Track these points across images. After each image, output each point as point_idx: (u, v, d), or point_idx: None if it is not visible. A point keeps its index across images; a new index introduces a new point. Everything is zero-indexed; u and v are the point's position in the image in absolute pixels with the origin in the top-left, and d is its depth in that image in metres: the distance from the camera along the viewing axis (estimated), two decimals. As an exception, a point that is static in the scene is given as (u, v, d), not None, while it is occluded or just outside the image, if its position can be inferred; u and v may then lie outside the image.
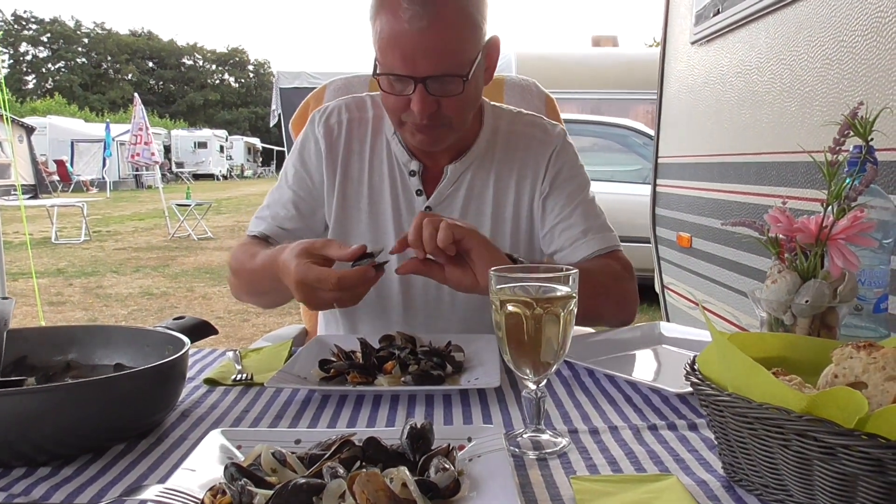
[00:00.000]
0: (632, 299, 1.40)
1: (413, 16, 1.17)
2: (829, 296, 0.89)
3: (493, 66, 1.36)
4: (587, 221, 1.42)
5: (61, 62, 70.89)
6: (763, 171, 2.27)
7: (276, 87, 10.66)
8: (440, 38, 1.19)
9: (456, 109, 1.28)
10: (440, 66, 1.20)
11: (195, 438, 0.88)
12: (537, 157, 1.45)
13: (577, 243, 1.40)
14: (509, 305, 0.83)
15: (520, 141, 1.46)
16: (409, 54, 1.19)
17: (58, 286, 7.48)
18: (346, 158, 1.46)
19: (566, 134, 1.52)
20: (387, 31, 1.20)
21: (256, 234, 1.46)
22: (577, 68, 8.10)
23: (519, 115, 1.51)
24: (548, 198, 1.44)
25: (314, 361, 1.13)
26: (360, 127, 1.48)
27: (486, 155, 1.44)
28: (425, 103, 1.23)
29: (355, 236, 1.45)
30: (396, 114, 1.30)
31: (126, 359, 1.04)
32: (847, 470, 0.60)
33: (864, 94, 1.71)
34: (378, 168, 1.45)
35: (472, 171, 1.44)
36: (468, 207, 1.44)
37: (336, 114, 1.49)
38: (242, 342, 5.24)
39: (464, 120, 1.33)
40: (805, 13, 2.01)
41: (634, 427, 0.90)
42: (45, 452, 0.81)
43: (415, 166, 1.43)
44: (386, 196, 1.44)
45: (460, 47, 1.22)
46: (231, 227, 13.48)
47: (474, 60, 1.24)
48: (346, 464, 0.70)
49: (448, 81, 1.23)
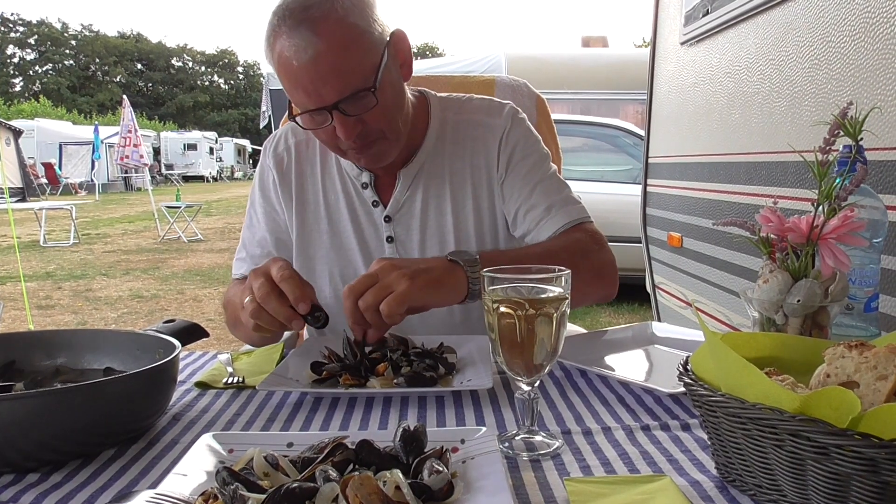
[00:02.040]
0: (608, 271, 1.36)
1: (297, 50, 1.14)
2: (820, 295, 0.90)
3: (408, 60, 1.30)
4: (549, 198, 1.37)
5: (49, 65, 70.45)
6: (753, 171, 2.28)
7: (265, 88, 10.62)
8: (330, 61, 1.14)
9: (381, 120, 1.23)
10: (344, 88, 1.16)
11: (186, 442, 0.88)
12: (487, 143, 1.41)
13: (542, 223, 1.36)
14: (502, 307, 0.83)
15: (468, 129, 1.42)
16: (310, 88, 1.16)
17: (46, 289, 7.42)
18: (300, 183, 1.45)
19: (516, 111, 1.45)
20: (283, 71, 1.18)
21: (239, 276, 1.47)
22: (567, 69, 8.12)
23: (467, 102, 1.47)
24: (505, 182, 1.41)
25: (306, 364, 1.12)
26: (308, 149, 1.46)
27: (436, 151, 1.41)
28: (347, 126, 1.19)
29: (320, 259, 1.44)
30: (332, 144, 1.28)
31: (116, 363, 1.03)
32: (840, 469, 0.60)
33: (852, 95, 1.72)
34: (331, 187, 1.44)
35: (425, 172, 1.41)
36: (427, 210, 1.41)
37: (283, 141, 1.48)
38: (234, 345, 5.21)
39: (395, 126, 1.28)
40: (793, 14, 2.02)
41: (627, 428, 0.90)
42: (34, 458, 0.80)
43: (366, 178, 1.40)
44: (344, 214, 1.43)
45: (356, 62, 1.17)
46: (221, 228, 13.43)
47: (378, 66, 1.19)
48: (339, 467, 0.70)
49: (360, 97, 1.18)
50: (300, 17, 1.15)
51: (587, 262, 1.31)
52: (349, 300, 1.10)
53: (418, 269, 1.13)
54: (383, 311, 1.08)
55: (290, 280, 1.09)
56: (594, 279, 1.34)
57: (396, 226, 1.42)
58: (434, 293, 1.14)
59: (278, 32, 1.17)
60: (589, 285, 1.32)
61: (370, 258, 1.42)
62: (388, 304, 1.07)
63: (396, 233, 1.42)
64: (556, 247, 1.32)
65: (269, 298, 1.09)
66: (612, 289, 1.37)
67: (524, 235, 1.41)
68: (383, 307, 1.08)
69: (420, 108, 1.40)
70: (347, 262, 1.43)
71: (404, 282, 1.09)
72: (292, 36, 1.14)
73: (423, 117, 1.41)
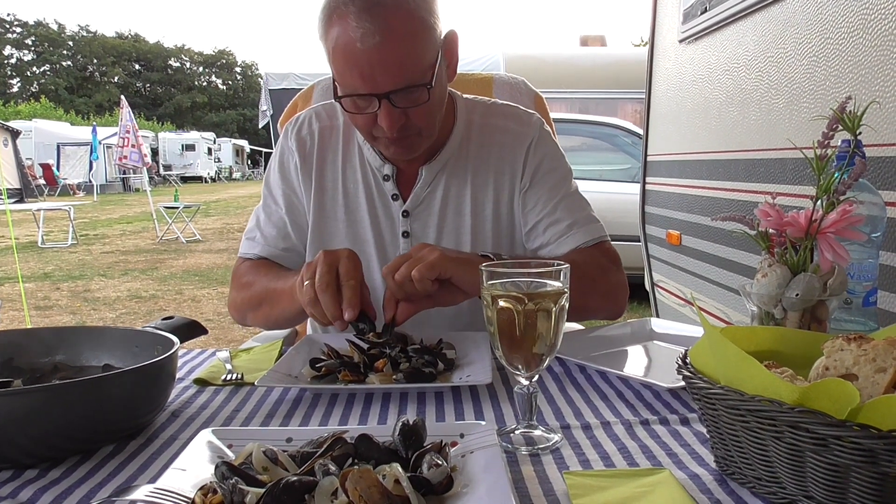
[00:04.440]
0: (620, 291, 1.38)
1: (364, 33, 1.13)
2: (819, 289, 0.90)
3: (455, 62, 1.32)
4: (573, 215, 1.39)
5: (46, 65, 70.35)
6: (752, 168, 2.28)
7: (264, 88, 10.63)
8: (396, 51, 1.15)
9: (424, 117, 1.25)
10: (401, 79, 1.17)
11: (185, 438, 0.88)
12: (514, 151, 1.42)
13: (563, 238, 1.38)
14: (501, 301, 0.83)
15: (494, 134, 1.43)
16: (367, 73, 1.16)
17: (45, 290, 7.42)
18: (320, 169, 1.45)
19: (543, 122, 1.48)
20: (340, 51, 1.17)
21: (252, 256, 1.45)
22: (566, 68, 8.13)
23: (493, 106, 1.48)
24: (528, 192, 1.42)
25: (305, 360, 1.12)
26: (331, 135, 1.46)
27: (460, 151, 1.42)
28: (393, 117, 1.20)
29: (334, 245, 1.43)
30: (367, 130, 1.28)
31: (115, 359, 1.03)
32: (839, 461, 0.60)
33: (850, 91, 1.72)
34: (352, 175, 1.44)
35: (447, 171, 1.41)
36: (446, 208, 1.42)
37: (307, 124, 1.47)
38: (232, 344, 5.21)
39: (434, 125, 1.30)
40: (791, 10, 2.02)
41: (627, 422, 0.90)
42: (32, 454, 0.80)
43: (388, 170, 1.41)
44: (362, 203, 1.43)
45: (418, 56, 1.18)
46: (220, 229, 13.42)
47: (435, 64, 1.21)
48: (338, 461, 0.70)
49: (412, 92, 1.19)
50: (372, 0, 1.14)
51: (605, 280, 1.34)
52: (387, 278, 1.14)
53: (450, 249, 1.22)
54: (415, 277, 1.10)
55: (351, 285, 1.09)
56: (606, 298, 1.36)
57: (414, 221, 1.42)
58: (462, 267, 1.14)
59: (345, 12, 1.15)
60: (602, 302, 1.35)
61: (384, 251, 1.42)
62: (419, 270, 1.10)
63: (413, 228, 1.42)
64: (580, 260, 1.32)
65: (326, 291, 1.08)
66: (621, 308, 1.39)
67: (540, 248, 1.41)
68: (415, 273, 1.10)
69: (447, 107, 1.40)
70: (361, 253, 1.42)
71: (435, 252, 1.14)
72: (361, 18, 1.13)
73: (450, 116, 1.42)
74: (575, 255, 1.36)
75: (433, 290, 1.13)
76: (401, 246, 1.42)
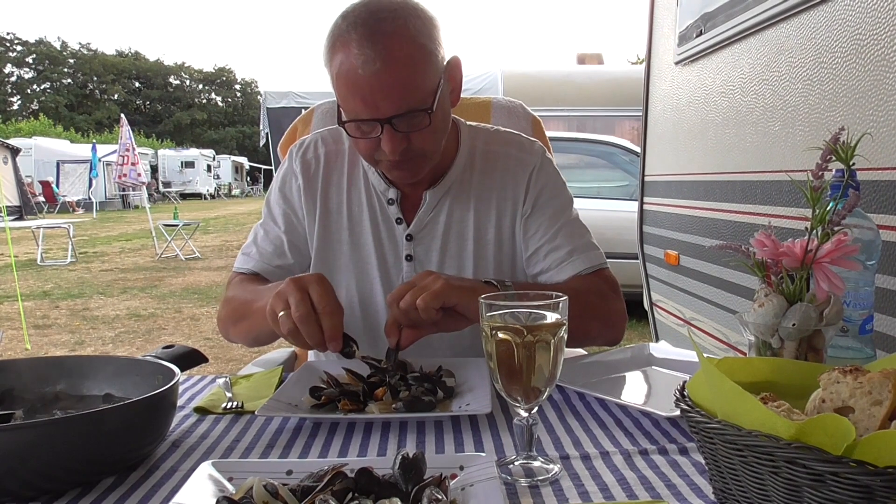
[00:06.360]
0: (619, 318, 1.39)
1: (366, 60, 1.15)
2: (815, 319, 0.90)
3: (459, 87, 1.34)
4: (573, 241, 1.41)
5: (47, 83, 70.67)
6: (749, 190, 2.29)
7: (263, 107, 10.66)
8: (397, 77, 1.17)
9: (427, 141, 1.26)
10: (403, 104, 1.19)
11: (186, 469, 0.88)
12: (516, 177, 1.44)
13: (563, 265, 1.39)
14: (500, 333, 0.83)
15: (497, 161, 1.46)
16: (369, 99, 1.18)
17: (44, 309, 7.41)
18: (325, 192, 1.46)
19: (545, 150, 1.51)
20: (343, 78, 1.19)
21: (245, 271, 1.46)
22: (563, 86, 8.19)
23: (496, 134, 1.50)
24: (530, 218, 1.43)
25: (304, 389, 1.12)
26: (336, 159, 1.47)
27: (464, 177, 1.44)
28: (395, 142, 1.22)
29: (338, 269, 1.44)
30: (369, 155, 1.29)
31: (115, 389, 1.04)
32: (836, 497, 0.61)
33: (844, 115, 1.73)
34: (356, 199, 1.45)
35: (451, 195, 1.43)
36: (449, 232, 1.43)
37: (313, 148, 1.49)
38: (231, 363, 5.20)
39: (436, 149, 1.32)
40: (786, 35, 2.04)
41: (626, 452, 0.91)
42: (33, 488, 0.81)
43: (393, 194, 1.42)
44: (366, 227, 1.44)
45: (419, 81, 1.20)
46: (219, 246, 13.43)
47: (437, 89, 1.23)
48: (339, 496, 0.70)
49: (414, 116, 1.21)
50: (373, 28, 1.17)
51: (604, 307, 1.36)
52: (392, 306, 1.16)
53: (454, 276, 1.25)
54: (419, 306, 1.12)
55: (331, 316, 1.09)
56: (605, 324, 1.37)
57: (417, 245, 1.43)
58: (466, 295, 1.15)
59: (347, 39, 1.18)
60: (601, 328, 1.37)
61: (388, 275, 1.43)
62: (424, 299, 1.12)
63: (416, 252, 1.43)
64: (580, 287, 1.34)
65: (307, 321, 1.08)
66: (620, 335, 1.40)
67: (540, 273, 1.43)
68: (419, 302, 1.12)
69: (451, 133, 1.42)
70: (365, 275, 1.44)
71: (440, 281, 1.15)
72: (363, 45, 1.16)
73: (454, 142, 1.44)
74: (575, 282, 1.37)
75: (437, 318, 1.14)
76: (404, 269, 1.43)
